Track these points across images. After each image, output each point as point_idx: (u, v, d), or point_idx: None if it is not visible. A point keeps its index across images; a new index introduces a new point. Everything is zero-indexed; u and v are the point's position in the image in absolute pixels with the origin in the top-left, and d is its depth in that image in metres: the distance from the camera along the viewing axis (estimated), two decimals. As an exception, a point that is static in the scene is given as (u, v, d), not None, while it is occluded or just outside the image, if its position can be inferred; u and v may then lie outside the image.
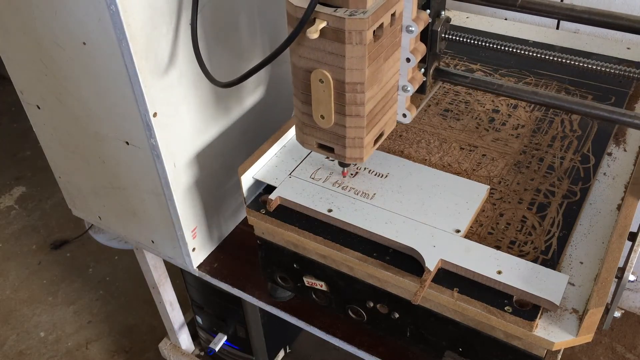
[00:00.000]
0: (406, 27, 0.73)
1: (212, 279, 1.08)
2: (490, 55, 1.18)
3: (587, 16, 0.74)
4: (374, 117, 0.74)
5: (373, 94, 0.71)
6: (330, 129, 0.74)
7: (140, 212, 1.07)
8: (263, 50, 1.06)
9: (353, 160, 0.76)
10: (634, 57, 1.15)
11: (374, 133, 0.76)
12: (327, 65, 0.68)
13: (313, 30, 0.63)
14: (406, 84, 0.78)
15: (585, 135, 0.98)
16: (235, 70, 1.00)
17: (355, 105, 0.70)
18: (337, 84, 0.69)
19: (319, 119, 0.73)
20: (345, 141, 0.74)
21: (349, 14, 0.63)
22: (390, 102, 0.78)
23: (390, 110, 0.79)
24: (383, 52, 0.70)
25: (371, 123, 0.74)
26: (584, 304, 0.74)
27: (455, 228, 0.80)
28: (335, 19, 0.64)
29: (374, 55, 0.68)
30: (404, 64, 0.76)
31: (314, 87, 0.70)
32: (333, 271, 0.87)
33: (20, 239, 2.08)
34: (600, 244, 0.82)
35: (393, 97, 0.78)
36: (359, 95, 0.69)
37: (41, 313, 1.83)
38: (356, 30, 0.64)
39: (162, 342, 1.56)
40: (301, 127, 0.77)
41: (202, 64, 0.84)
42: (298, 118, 0.76)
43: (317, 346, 1.62)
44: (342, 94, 0.69)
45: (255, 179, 0.91)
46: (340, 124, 0.73)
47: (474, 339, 0.78)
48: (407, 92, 0.78)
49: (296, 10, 0.65)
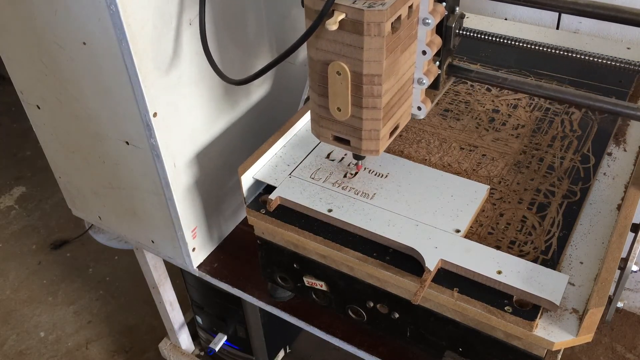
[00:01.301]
0: (423, 19, 0.73)
1: (212, 279, 1.08)
2: (491, 55, 1.18)
3: (591, 9, 0.73)
4: (390, 109, 0.74)
5: (390, 86, 0.71)
6: (347, 122, 0.74)
7: (140, 212, 1.06)
8: (270, 45, 1.06)
9: (369, 152, 0.76)
10: (634, 57, 1.14)
11: (389, 125, 0.76)
12: (345, 57, 0.68)
13: (332, 22, 0.64)
14: (422, 77, 0.78)
15: (585, 135, 0.98)
16: (242, 67, 1.00)
17: (372, 98, 0.70)
18: (354, 76, 0.69)
19: (336, 112, 0.73)
20: (361, 133, 0.74)
21: (367, 6, 0.63)
22: (406, 95, 0.78)
23: (405, 103, 0.79)
24: (400, 44, 0.70)
25: (387, 115, 0.74)
26: (584, 304, 0.74)
27: (455, 228, 0.80)
28: (354, 11, 0.64)
29: (392, 47, 0.68)
30: (420, 56, 0.76)
31: (331, 79, 0.70)
32: (333, 271, 0.87)
33: (20, 239, 2.08)
34: (600, 244, 0.82)
35: (408, 90, 0.78)
36: (376, 87, 0.69)
37: (41, 313, 1.83)
38: (375, 22, 0.64)
39: (162, 342, 1.56)
40: (317, 120, 0.77)
41: (212, 62, 0.84)
42: (314, 111, 0.77)
43: (317, 346, 1.62)
44: (359, 86, 0.69)
45: (255, 179, 0.91)
46: (356, 117, 0.73)
47: (474, 339, 0.78)
48: (423, 84, 0.78)
49: (315, 2, 0.65)
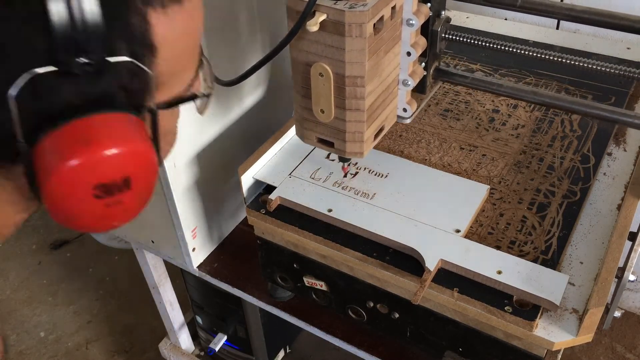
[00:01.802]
0: (407, 20, 0.72)
1: (212, 279, 1.08)
2: (490, 55, 1.17)
3: (587, 16, 0.74)
4: (374, 111, 0.73)
5: (373, 88, 0.71)
6: (330, 124, 0.73)
7: (140, 212, 1.06)
8: (263, 47, 1.05)
9: (353, 155, 0.75)
10: (634, 57, 1.15)
11: (374, 127, 0.75)
12: (327, 59, 0.67)
13: (313, 22, 0.63)
14: (407, 78, 0.77)
15: (585, 135, 0.98)
16: (235, 69, 1.00)
17: (355, 99, 0.70)
18: (337, 78, 0.68)
19: (319, 114, 0.72)
20: (345, 135, 0.73)
21: (349, 7, 0.63)
22: (391, 97, 0.77)
23: (390, 105, 0.78)
24: (383, 45, 0.69)
25: (371, 117, 0.73)
26: (584, 304, 0.74)
27: (455, 228, 0.80)
28: (335, 12, 0.63)
29: (374, 48, 0.67)
30: (405, 57, 0.75)
31: (313, 81, 0.70)
32: (333, 271, 0.86)
33: (20, 239, 2.08)
34: (600, 244, 0.82)
35: (393, 92, 0.78)
36: (359, 89, 0.69)
37: (41, 313, 1.83)
38: (356, 23, 0.63)
39: (162, 342, 1.56)
40: (301, 122, 0.76)
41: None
42: (298, 112, 0.76)
43: (317, 346, 1.62)
44: (342, 87, 0.69)
45: (255, 179, 0.91)
46: (340, 118, 0.72)
47: (474, 339, 0.78)
48: (408, 86, 0.78)
49: (296, 3, 0.65)
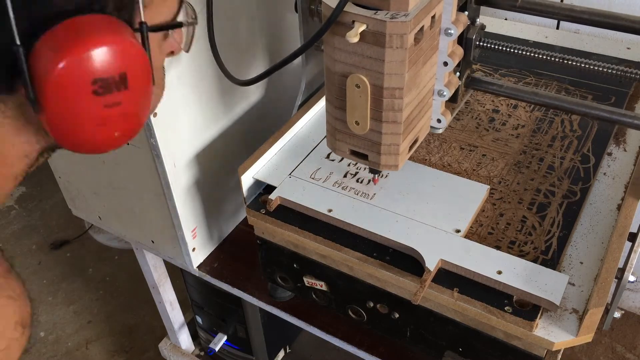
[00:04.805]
0: (445, 29, 0.70)
1: (212, 279, 1.08)
2: (490, 55, 1.17)
3: (587, 16, 0.74)
4: (410, 123, 0.71)
5: (410, 100, 0.69)
6: (365, 136, 0.71)
7: (140, 212, 1.06)
8: (263, 48, 1.06)
9: (387, 167, 0.73)
10: (634, 57, 1.15)
11: (409, 139, 0.73)
12: (365, 70, 0.65)
13: (353, 34, 0.60)
14: (442, 89, 0.75)
15: (585, 135, 0.98)
16: (236, 68, 1.00)
17: (393, 111, 0.67)
18: (374, 90, 0.66)
19: (354, 125, 0.70)
20: (380, 148, 0.71)
21: (390, 17, 0.61)
22: (426, 107, 0.75)
23: (425, 116, 0.76)
24: (422, 55, 0.67)
25: (407, 129, 0.71)
26: (584, 304, 0.74)
27: (455, 228, 0.80)
28: (375, 22, 0.61)
29: (414, 59, 0.65)
30: (441, 67, 0.73)
31: (349, 92, 0.67)
32: (333, 271, 0.86)
33: (20, 239, 2.08)
34: (600, 244, 0.82)
35: (428, 102, 0.75)
36: (397, 100, 0.66)
37: (41, 313, 1.83)
38: (397, 33, 0.61)
39: (162, 342, 1.56)
40: (333, 133, 0.74)
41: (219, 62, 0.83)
42: (330, 124, 0.74)
43: (317, 346, 1.61)
44: (379, 99, 0.67)
45: (255, 179, 0.91)
46: (375, 130, 0.70)
47: (474, 339, 0.78)
48: (443, 96, 0.75)
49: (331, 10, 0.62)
